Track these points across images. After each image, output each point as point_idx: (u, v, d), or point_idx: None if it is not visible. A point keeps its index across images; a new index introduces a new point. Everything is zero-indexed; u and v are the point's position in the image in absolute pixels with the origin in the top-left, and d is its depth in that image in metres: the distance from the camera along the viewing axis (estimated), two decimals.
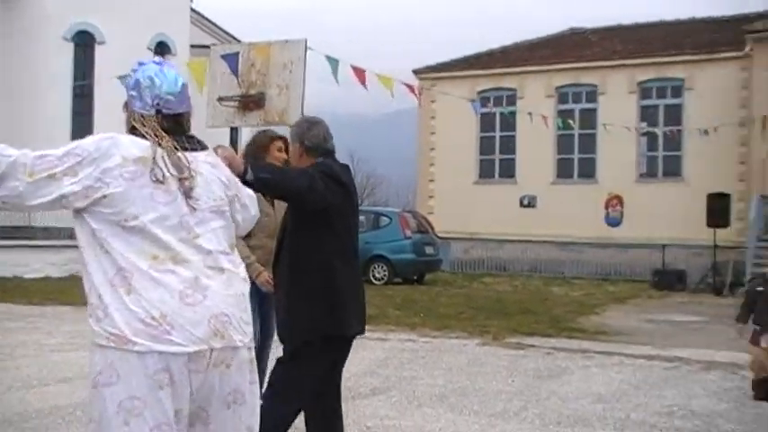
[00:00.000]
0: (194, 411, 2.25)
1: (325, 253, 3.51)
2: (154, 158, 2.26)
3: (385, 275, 17.15)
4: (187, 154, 2.35)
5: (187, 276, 2.23)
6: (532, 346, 8.70)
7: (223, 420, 2.29)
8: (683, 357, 8.08)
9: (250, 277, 4.15)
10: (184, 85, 2.45)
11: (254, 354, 2.39)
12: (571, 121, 17.22)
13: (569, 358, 7.95)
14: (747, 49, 19.69)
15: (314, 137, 3.65)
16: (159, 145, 2.29)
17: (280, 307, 3.67)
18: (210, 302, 2.24)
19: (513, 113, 19.79)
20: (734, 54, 20.30)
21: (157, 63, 2.44)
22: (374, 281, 16.79)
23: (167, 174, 2.27)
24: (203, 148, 2.44)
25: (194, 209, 2.31)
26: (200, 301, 2.22)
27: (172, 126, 2.36)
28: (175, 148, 2.32)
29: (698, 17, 24.45)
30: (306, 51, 6.83)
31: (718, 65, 20.60)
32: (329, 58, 7.52)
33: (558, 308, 12.72)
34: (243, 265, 2.45)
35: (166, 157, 2.28)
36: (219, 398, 2.27)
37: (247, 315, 2.35)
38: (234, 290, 2.32)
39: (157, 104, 2.36)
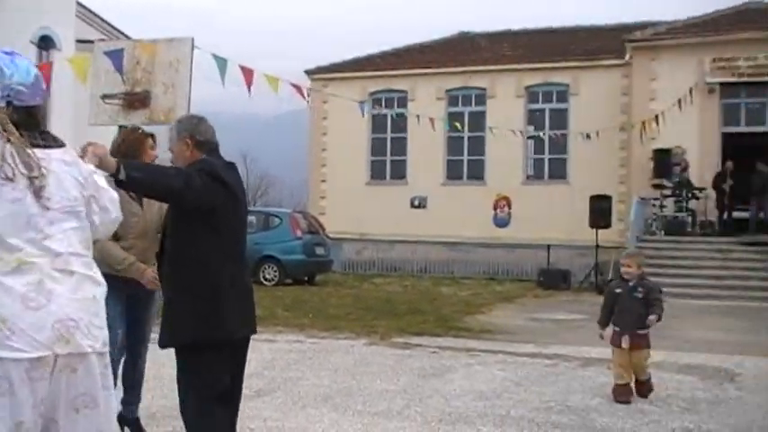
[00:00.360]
0: (45, 425, 2.17)
1: (204, 252, 3.43)
2: (2, 155, 2.18)
3: (275, 276, 17.12)
4: (39, 151, 2.26)
5: (31, 279, 2.16)
6: (419, 345, 8.90)
7: (73, 425, 2.20)
8: (562, 354, 8.46)
9: (134, 279, 4.22)
10: (38, 77, 2.37)
11: (108, 359, 2.33)
12: (458, 124, 17.72)
13: (454, 357, 8.18)
14: (627, 57, 20.80)
15: (205, 131, 3.63)
16: (8, 141, 2.20)
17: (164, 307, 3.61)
18: (55, 306, 2.17)
19: (403, 115, 20.16)
20: (615, 62, 21.39)
21: (7, 53, 2.34)
22: (264, 282, 16.73)
23: (16, 172, 2.18)
24: (59, 145, 2.36)
25: (46, 208, 2.23)
26: (43, 305, 2.16)
27: (24, 119, 2.28)
28: (26, 143, 2.22)
29: (583, 25, 25.60)
30: (192, 50, 6.83)
31: (601, 71, 21.64)
32: (216, 58, 7.52)
33: (446, 307, 13.02)
34: (97, 268, 2.37)
35: (15, 154, 2.19)
36: (67, 402, 2.19)
37: (99, 319, 2.29)
38: (83, 293, 2.25)
39: (8, 95, 2.27)
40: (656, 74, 20.20)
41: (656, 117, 18.71)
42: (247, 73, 7.81)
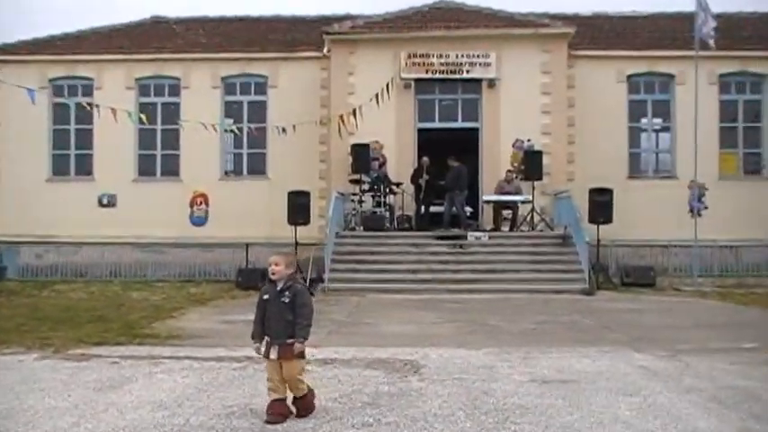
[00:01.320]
0: None
1: None
2: None
3: None
4: None
5: None
6: (98, 356, 8.54)
7: None
8: (252, 356, 8.48)
9: None
10: None
11: None
12: (143, 116, 17.15)
13: (136, 366, 7.94)
14: (326, 50, 21.51)
15: None
16: None
17: None
18: None
19: (84, 105, 19.17)
20: (314, 54, 22.00)
21: None
22: None
23: None
24: None
25: None
26: None
27: None
28: None
29: (282, 15, 25.95)
30: None
31: (300, 64, 22.12)
32: None
33: (133, 313, 12.66)
34: None
35: None
36: None
37: None
38: None
39: None
40: (354, 68, 21.10)
41: (354, 111, 19.59)
42: None
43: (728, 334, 10.72)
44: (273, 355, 5.73)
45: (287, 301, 5.75)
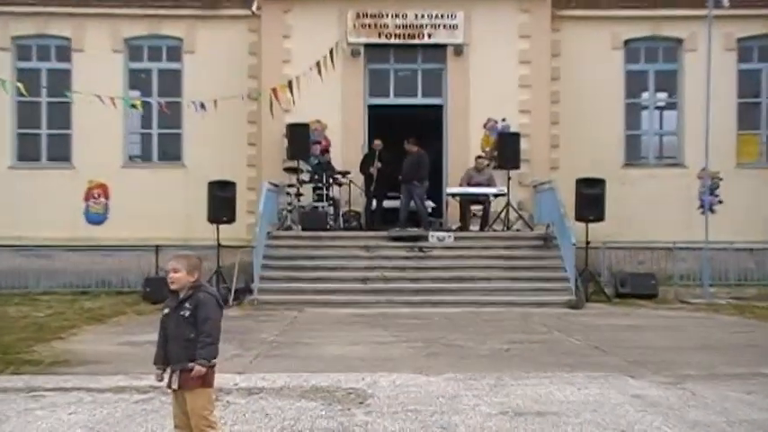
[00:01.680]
0: None
1: None
2: None
3: None
4: None
5: None
6: None
7: None
8: (160, 386, 8.36)
9: None
10: None
11: None
12: (20, 85, 16.81)
13: (8, 401, 7.78)
14: (255, 7, 21.37)
15: None
16: None
17: None
18: None
19: None
20: (240, 12, 21.85)
21: None
22: None
23: None
24: None
25: None
26: None
27: None
28: None
29: None
30: None
31: (223, 24, 21.96)
32: None
33: (9, 334, 12.44)
34: None
35: None
36: None
37: None
38: None
39: None
40: (290, 30, 21.06)
41: (290, 84, 19.54)
42: None
43: (745, 357, 10.87)
44: (174, 384, 5.59)
45: (187, 314, 5.60)
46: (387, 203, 20.68)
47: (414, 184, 19.81)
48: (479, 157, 20.52)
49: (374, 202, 20.63)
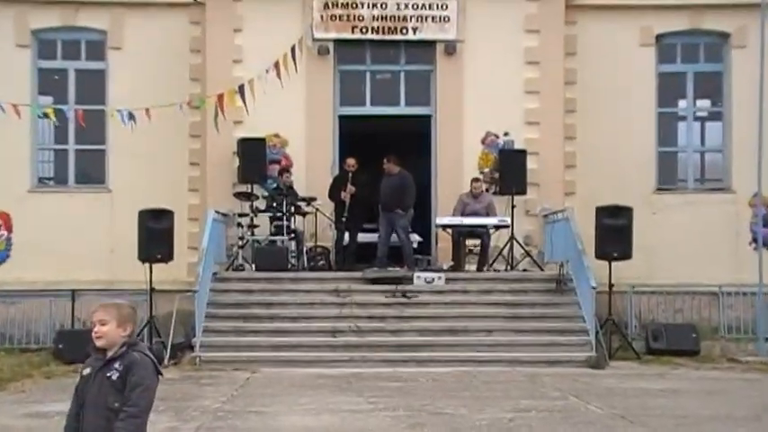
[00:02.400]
0: None
1: None
2: None
3: None
4: None
5: None
6: None
7: None
8: None
9: None
10: None
11: None
12: None
13: None
14: None
15: None
16: None
17: None
18: None
19: None
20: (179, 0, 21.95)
21: None
22: None
23: None
24: None
25: None
26: None
27: None
28: None
29: None
30: None
31: (158, 14, 21.93)
32: None
33: None
34: None
35: None
36: None
37: None
38: None
39: None
40: (242, 22, 21.11)
41: (242, 89, 19.52)
42: None
43: None
44: None
45: (115, 377, 5.54)
46: (362, 237, 20.68)
47: (396, 213, 19.85)
48: (476, 179, 20.49)
49: (346, 236, 20.51)
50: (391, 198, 19.84)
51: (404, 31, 21.09)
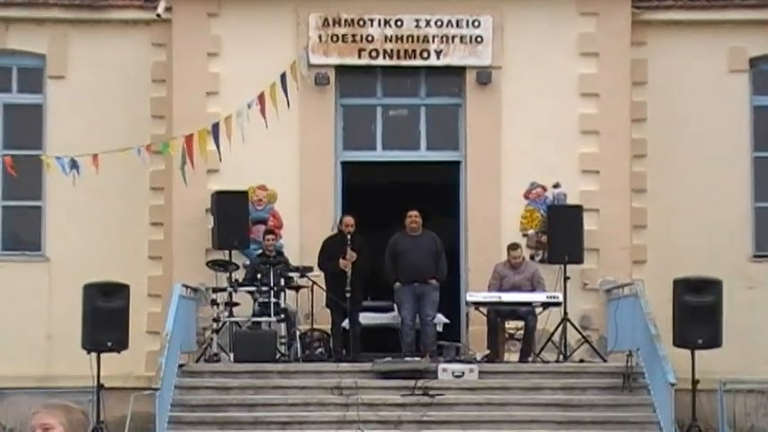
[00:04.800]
0: None
1: None
2: None
3: None
4: None
5: None
6: None
7: None
8: None
9: None
10: None
11: None
12: None
13: None
14: (161, 7, 21.42)
15: None
16: None
17: None
18: None
19: None
20: (139, 15, 22.20)
21: None
22: None
23: None
24: None
25: None
26: None
27: None
28: None
29: None
30: None
31: (111, 33, 22.24)
32: None
33: None
34: None
35: None
36: None
37: None
38: None
39: None
40: (218, 44, 21.40)
41: (217, 129, 19.57)
42: None
43: None
44: None
45: None
46: (366, 317, 20.59)
47: (429, 285, 19.91)
48: (514, 246, 20.31)
49: (347, 316, 20.28)
50: (426, 265, 19.90)
51: (425, 54, 21.31)
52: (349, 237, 20.18)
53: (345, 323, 20.45)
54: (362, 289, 20.46)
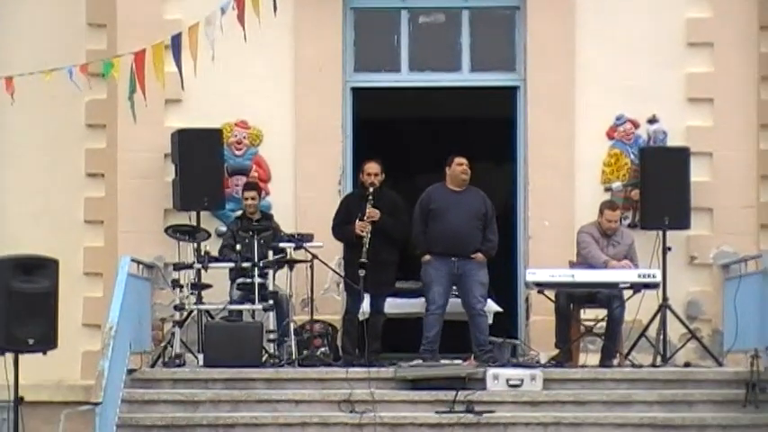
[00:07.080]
0: None
1: None
2: None
3: None
4: None
5: None
6: None
7: None
8: None
9: None
10: None
11: None
12: None
13: None
14: None
15: None
16: None
17: None
18: None
19: None
20: None
21: None
22: None
23: None
24: None
25: None
26: None
27: None
28: None
29: None
30: None
31: None
32: None
33: None
34: None
35: None
36: None
37: None
38: None
39: None
40: None
41: (177, 42, 18.77)
42: None
43: None
44: None
45: None
46: (391, 304, 20.19)
47: (472, 261, 19.36)
48: (612, 205, 19.80)
49: (362, 301, 19.94)
50: (469, 232, 19.32)
51: None
52: (371, 190, 19.65)
53: (363, 312, 20.06)
54: (390, 265, 19.81)
